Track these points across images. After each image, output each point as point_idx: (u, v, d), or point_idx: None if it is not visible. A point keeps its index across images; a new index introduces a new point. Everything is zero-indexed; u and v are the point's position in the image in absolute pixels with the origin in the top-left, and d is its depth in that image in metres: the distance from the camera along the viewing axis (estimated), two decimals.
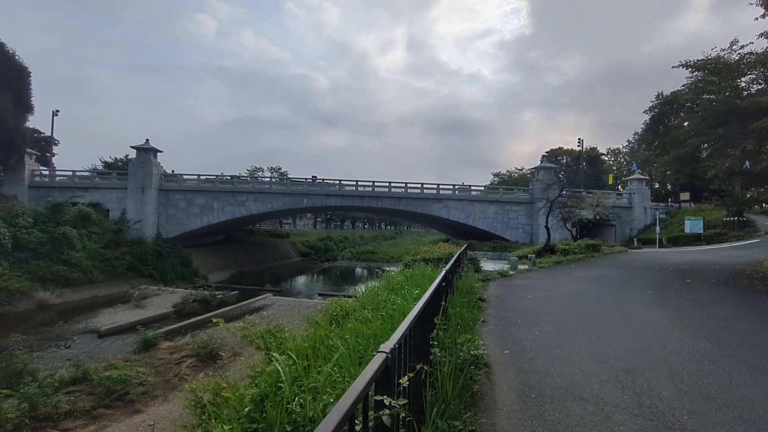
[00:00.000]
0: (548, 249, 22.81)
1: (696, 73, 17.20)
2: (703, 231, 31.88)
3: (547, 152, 70.44)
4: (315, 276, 43.12)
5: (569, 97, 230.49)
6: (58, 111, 43.39)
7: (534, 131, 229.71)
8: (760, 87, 16.30)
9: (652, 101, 20.05)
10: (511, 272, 15.83)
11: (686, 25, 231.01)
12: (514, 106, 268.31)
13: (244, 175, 60.76)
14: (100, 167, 49.13)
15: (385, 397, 1.97)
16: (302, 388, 3.90)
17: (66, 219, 27.05)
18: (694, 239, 31.48)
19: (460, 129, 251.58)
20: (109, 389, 10.10)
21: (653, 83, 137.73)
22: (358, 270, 47.98)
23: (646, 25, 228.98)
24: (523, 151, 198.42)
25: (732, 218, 33.11)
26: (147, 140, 34.33)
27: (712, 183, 25.03)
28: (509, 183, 67.40)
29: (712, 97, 17.13)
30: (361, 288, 11.68)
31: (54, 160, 46.74)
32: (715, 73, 16.48)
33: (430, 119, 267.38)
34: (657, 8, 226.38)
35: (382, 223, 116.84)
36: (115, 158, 50.91)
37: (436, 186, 37.32)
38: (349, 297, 10.30)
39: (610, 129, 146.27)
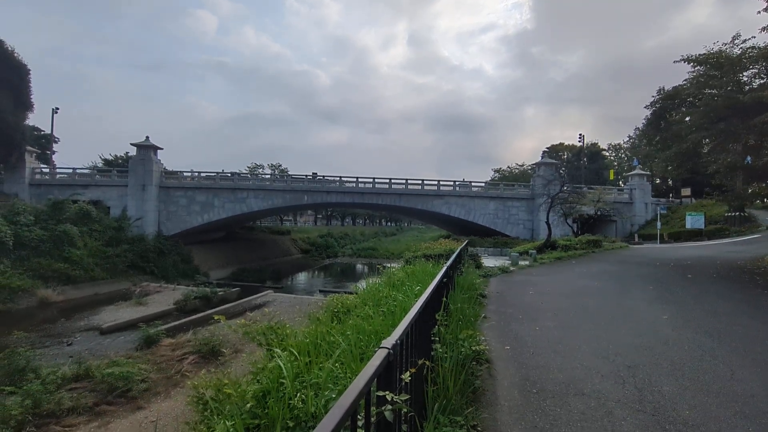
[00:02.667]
0: (549, 245, 22.79)
1: (698, 67, 17.12)
2: (705, 226, 31.83)
3: (548, 148, 70.31)
4: (316, 272, 43.17)
5: (572, 92, 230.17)
6: (58, 109, 43.27)
7: (536, 127, 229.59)
8: (762, 81, 16.22)
9: (653, 96, 19.94)
10: (512, 268, 15.82)
11: (692, 18, 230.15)
12: (517, 102, 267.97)
13: (244, 172, 60.75)
14: (100, 165, 49.12)
15: (387, 392, 1.97)
16: (304, 384, 3.90)
17: (67, 217, 27.09)
18: (696, 235, 31.44)
19: (463, 125, 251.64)
20: (111, 386, 10.14)
21: (657, 78, 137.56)
22: (359, 266, 48.01)
23: (651, 19, 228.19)
24: (525, 147, 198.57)
25: (733, 214, 33.05)
26: (147, 137, 34.30)
27: (713, 178, 24.91)
28: (510, 179, 67.25)
29: (714, 91, 17.03)
30: (362, 284, 11.68)
31: (54, 157, 46.80)
32: (717, 67, 16.39)
33: (432, 115, 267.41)
34: (662, 1, 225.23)
35: (383, 220, 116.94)
36: (116, 156, 50.89)
37: (436, 182, 37.30)
38: (350, 293, 10.30)
39: (614, 124, 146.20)
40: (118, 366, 10.92)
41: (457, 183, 38.14)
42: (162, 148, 34.74)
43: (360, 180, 36.94)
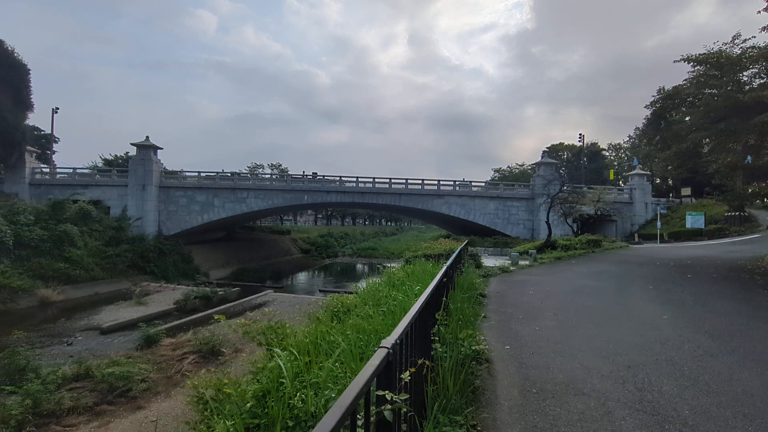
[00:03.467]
0: (549, 244, 22.79)
1: (698, 67, 17.11)
2: (705, 226, 31.81)
3: (548, 148, 70.33)
4: (316, 272, 43.15)
5: (573, 91, 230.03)
6: (58, 108, 43.29)
7: (537, 126, 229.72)
8: (762, 81, 16.22)
9: (653, 96, 19.94)
10: (512, 268, 15.82)
11: (693, 18, 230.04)
12: (518, 101, 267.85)
13: (244, 172, 60.74)
14: (100, 165, 49.11)
15: (386, 392, 1.97)
16: (304, 383, 3.91)
17: (67, 216, 27.09)
18: (696, 234, 31.43)
19: (463, 125, 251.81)
20: (111, 386, 10.14)
21: (658, 77, 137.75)
22: (359, 266, 47.99)
23: (652, 19, 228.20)
24: (525, 146, 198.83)
25: (733, 213, 33.04)
26: (147, 137, 34.31)
27: (713, 178, 24.97)
28: (510, 179, 67.25)
29: (714, 91, 17.03)
30: (362, 284, 11.69)
31: (54, 157, 46.80)
32: (717, 67, 16.39)
33: (432, 115, 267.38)
34: (663, 1, 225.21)
35: (383, 220, 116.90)
36: (116, 155, 50.88)
37: (436, 182, 37.30)
38: (350, 293, 10.30)
39: (614, 123, 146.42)
40: (119, 366, 10.92)
41: (457, 183, 38.13)
42: (162, 148, 34.76)
43: (360, 180, 36.95)
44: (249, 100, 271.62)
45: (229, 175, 38.81)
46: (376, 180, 36.86)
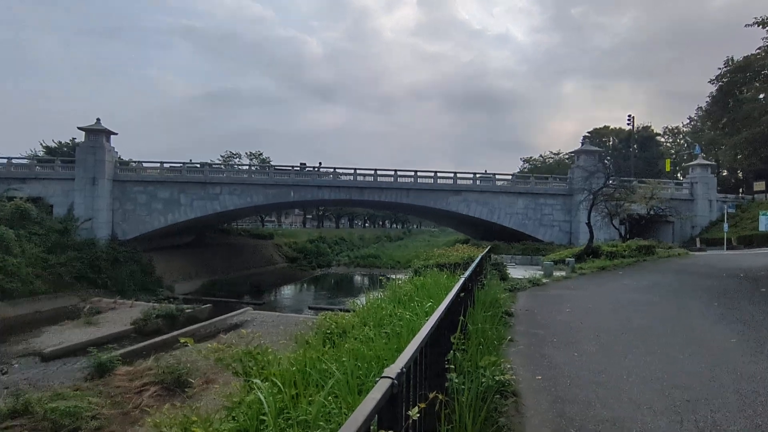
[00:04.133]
0: (590, 251, 22.78)
1: None
2: None
3: (589, 132, 70.26)
4: (305, 285, 43.33)
5: (621, 62, 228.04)
6: None
7: (577, 106, 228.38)
8: None
9: (720, 68, 19.90)
10: (544, 280, 15.86)
11: None
12: (554, 75, 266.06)
13: (217, 162, 61.05)
14: (41, 154, 49.43)
15: None
16: (290, 421, 3.93)
17: (0, 217, 27.27)
18: None
19: (486, 104, 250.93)
20: (55, 424, 10.21)
21: (727, 45, 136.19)
22: (358, 278, 48.17)
23: None
24: (562, 131, 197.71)
25: None
26: (98, 120, 34.52)
27: None
28: (543, 170, 67.22)
29: None
30: (361, 300, 11.73)
31: None
32: None
33: (448, 92, 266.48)
34: None
35: (387, 221, 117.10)
36: (60, 142, 51.29)
37: (452, 174, 37.39)
38: (347, 311, 10.34)
39: (671, 101, 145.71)
40: (64, 399, 11.01)
41: (477, 175, 38.18)
42: (116, 133, 35.03)
43: (359, 172, 37.03)
44: (223, 73, 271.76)
45: (198, 166, 39.05)
46: (379, 172, 36.95)
